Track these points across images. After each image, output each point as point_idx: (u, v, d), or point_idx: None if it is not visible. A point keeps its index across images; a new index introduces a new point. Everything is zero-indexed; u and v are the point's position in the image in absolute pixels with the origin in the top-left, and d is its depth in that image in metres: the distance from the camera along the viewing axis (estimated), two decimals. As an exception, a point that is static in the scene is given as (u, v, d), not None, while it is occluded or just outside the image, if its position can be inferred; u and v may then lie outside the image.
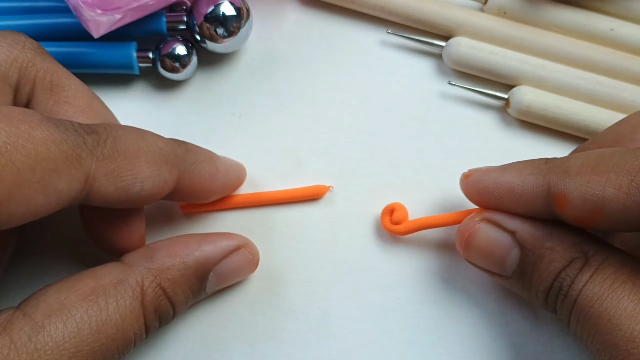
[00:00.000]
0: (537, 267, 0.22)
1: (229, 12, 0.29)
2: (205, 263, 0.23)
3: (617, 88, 0.30)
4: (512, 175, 0.23)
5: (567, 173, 0.21)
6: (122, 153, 0.20)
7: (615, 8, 0.31)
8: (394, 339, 0.27)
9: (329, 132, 0.30)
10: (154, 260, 0.22)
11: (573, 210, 0.21)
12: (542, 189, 0.22)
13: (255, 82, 0.31)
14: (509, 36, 0.30)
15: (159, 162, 0.21)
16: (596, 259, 0.21)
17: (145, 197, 0.21)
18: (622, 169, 0.20)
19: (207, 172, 0.24)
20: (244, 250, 0.25)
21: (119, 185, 0.20)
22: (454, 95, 0.31)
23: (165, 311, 0.22)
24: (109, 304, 0.20)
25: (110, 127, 0.21)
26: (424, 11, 0.31)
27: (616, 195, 0.19)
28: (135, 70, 0.29)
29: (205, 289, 0.24)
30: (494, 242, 0.23)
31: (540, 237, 0.22)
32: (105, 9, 0.26)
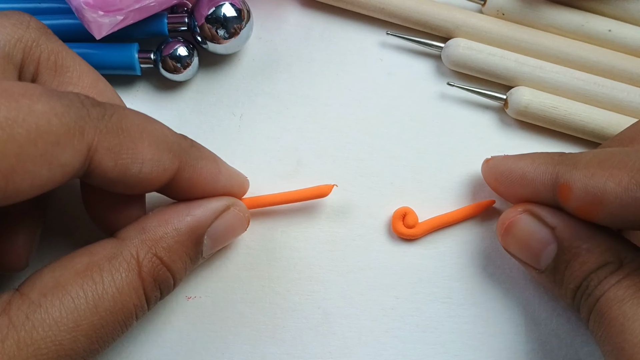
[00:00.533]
0: (571, 265, 0.22)
1: (229, 14, 0.29)
2: (198, 226, 0.23)
3: (614, 89, 0.30)
4: (527, 162, 0.24)
5: (575, 165, 0.22)
6: (126, 131, 0.20)
7: (613, 9, 0.31)
8: (394, 338, 0.27)
9: (329, 132, 0.30)
10: (147, 231, 0.22)
11: (574, 200, 0.22)
12: (550, 178, 0.23)
13: (256, 82, 0.31)
14: (507, 37, 0.31)
15: (161, 147, 0.21)
16: (629, 266, 0.21)
17: (143, 180, 0.21)
18: (625, 165, 0.20)
19: (208, 170, 0.24)
20: (234, 209, 0.25)
21: (118, 162, 0.20)
22: (453, 95, 0.31)
23: (165, 280, 0.22)
24: (104, 278, 0.20)
25: (117, 106, 0.21)
26: (423, 12, 0.31)
27: (615, 189, 0.20)
28: (137, 71, 0.30)
29: (202, 253, 0.24)
30: (533, 234, 0.24)
31: (579, 237, 0.22)
32: (107, 10, 0.26)
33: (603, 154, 0.22)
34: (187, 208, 0.23)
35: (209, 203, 0.24)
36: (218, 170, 0.24)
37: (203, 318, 0.27)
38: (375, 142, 0.30)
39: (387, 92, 0.31)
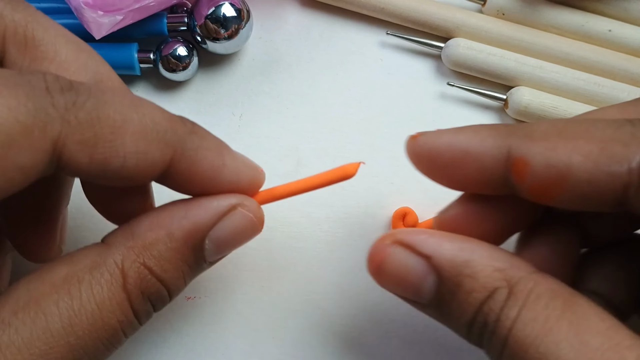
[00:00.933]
0: (456, 297, 0.19)
1: (229, 13, 0.29)
2: (196, 230, 0.20)
3: (615, 89, 0.30)
4: (469, 135, 0.20)
5: (530, 137, 0.19)
6: (104, 120, 0.17)
7: (613, 9, 0.31)
8: (394, 338, 0.27)
9: (329, 132, 0.30)
10: (136, 236, 0.19)
11: (533, 178, 0.18)
12: (501, 152, 0.19)
13: (256, 82, 0.31)
14: (507, 37, 0.31)
15: (149, 137, 0.18)
16: (521, 290, 0.18)
17: (129, 175, 0.18)
18: (593, 135, 0.18)
19: (209, 162, 0.20)
20: (240, 210, 0.21)
21: (94, 158, 0.17)
22: (453, 95, 0.31)
23: (156, 292, 0.19)
24: (82, 292, 0.18)
25: (97, 88, 0.18)
26: (423, 12, 0.31)
27: (584, 163, 0.17)
28: (137, 71, 0.30)
29: (205, 259, 0.21)
30: (407, 268, 0.20)
31: (459, 263, 0.19)
32: (107, 10, 0.26)
33: (562, 123, 0.19)
34: (185, 208, 0.20)
35: (210, 202, 0.20)
36: (222, 162, 0.20)
37: (202, 318, 0.27)
38: (375, 142, 0.30)
39: (387, 92, 0.31)
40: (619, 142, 0.17)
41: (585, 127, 0.18)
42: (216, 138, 0.21)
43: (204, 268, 0.21)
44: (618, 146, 0.17)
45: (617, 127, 0.18)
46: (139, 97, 0.19)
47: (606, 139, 0.17)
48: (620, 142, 0.17)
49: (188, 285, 0.27)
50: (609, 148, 0.17)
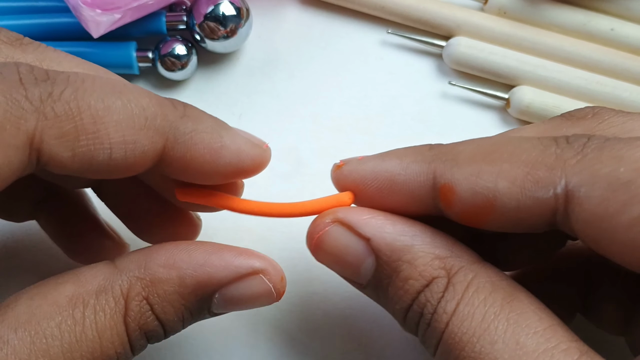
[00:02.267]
0: (393, 283, 0.19)
1: (228, 12, 0.29)
2: (208, 284, 0.19)
3: (617, 88, 0.30)
4: (393, 162, 0.19)
5: (455, 161, 0.18)
6: (85, 111, 0.16)
7: (616, 8, 0.31)
8: (395, 340, 0.27)
9: (329, 132, 0.30)
10: (147, 268, 0.18)
11: (460, 205, 0.18)
12: (427, 179, 0.19)
13: (255, 81, 0.31)
14: (509, 36, 0.30)
15: (136, 125, 0.17)
16: (461, 281, 0.18)
17: (118, 167, 0.17)
18: (518, 159, 0.17)
19: (206, 145, 0.19)
20: (261, 277, 0.20)
21: (77, 151, 0.16)
22: (454, 95, 0.31)
23: (152, 330, 0.19)
24: (85, 317, 0.17)
25: (76, 76, 0.17)
26: (424, 11, 0.31)
27: (510, 189, 0.17)
28: (135, 70, 0.29)
29: (210, 309, 0.20)
30: (346, 248, 0.20)
31: (399, 248, 0.19)
32: (105, 8, 0.26)
33: (487, 145, 0.18)
34: (205, 256, 0.19)
35: (232, 258, 0.19)
36: (220, 144, 0.19)
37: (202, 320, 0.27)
38: (376, 142, 0.30)
39: (388, 91, 0.31)
40: (544, 165, 0.16)
41: (511, 149, 0.17)
42: (212, 118, 0.20)
43: (206, 317, 0.20)
44: (543, 170, 0.16)
45: (543, 148, 0.17)
46: (124, 82, 0.18)
47: (531, 162, 0.17)
48: (545, 166, 0.16)
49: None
50: (534, 173, 0.16)
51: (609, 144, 0.16)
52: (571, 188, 0.16)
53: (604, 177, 0.15)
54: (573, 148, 0.16)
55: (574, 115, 0.20)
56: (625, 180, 0.15)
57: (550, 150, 0.17)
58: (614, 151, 0.16)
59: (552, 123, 0.20)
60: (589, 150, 0.16)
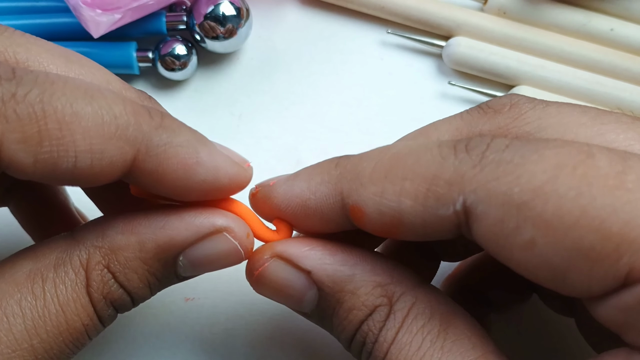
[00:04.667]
0: (337, 313, 0.19)
1: (228, 12, 0.29)
2: (169, 246, 0.18)
3: (617, 88, 0.30)
4: (302, 187, 0.19)
5: (359, 180, 0.18)
6: (51, 115, 0.15)
7: (615, 8, 0.31)
8: (394, 339, 0.27)
9: (329, 132, 0.30)
10: (105, 235, 0.18)
11: (371, 224, 0.18)
12: (336, 201, 0.18)
13: (255, 82, 0.31)
14: (508, 36, 0.30)
15: (105, 134, 0.16)
16: (401, 308, 0.18)
17: (82, 176, 0.16)
18: (419, 174, 0.17)
19: (180, 160, 0.17)
20: (225, 235, 0.19)
21: (39, 158, 0.15)
22: (454, 95, 0.31)
23: (118, 299, 0.18)
24: (46, 292, 0.17)
25: (46, 77, 0.16)
26: (424, 11, 0.31)
27: (413, 207, 0.17)
28: (135, 70, 0.29)
29: (177, 273, 0.19)
30: (287, 282, 0.19)
31: (340, 279, 0.18)
32: (105, 8, 0.26)
33: (387, 159, 0.17)
34: (165, 218, 0.18)
35: (193, 218, 0.19)
36: (195, 160, 0.18)
37: (201, 320, 0.27)
38: (376, 142, 0.30)
39: (388, 91, 0.31)
40: (442, 180, 0.16)
41: (411, 163, 0.17)
42: (191, 131, 0.19)
43: (176, 281, 0.20)
44: (442, 186, 0.16)
45: (442, 160, 0.16)
46: (99, 87, 0.17)
47: (430, 177, 0.16)
48: (444, 182, 0.16)
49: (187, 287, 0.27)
50: (433, 189, 0.16)
51: (508, 154, 0.15)
52: (469, 205, 0.16)
53: (499, 197, 0.15)
54: (471, 159, 0.16)
55: (492, 108, 0.20)
56: (519, 203, 0.15)
57: (448, 162, 0.16)
58: (511, 166, 0.15)
59: (468, 117, 0.20)
60: (487, 162, 0.16)
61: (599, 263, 0.14)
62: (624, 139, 0.17)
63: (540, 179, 0.15)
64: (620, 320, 0.14)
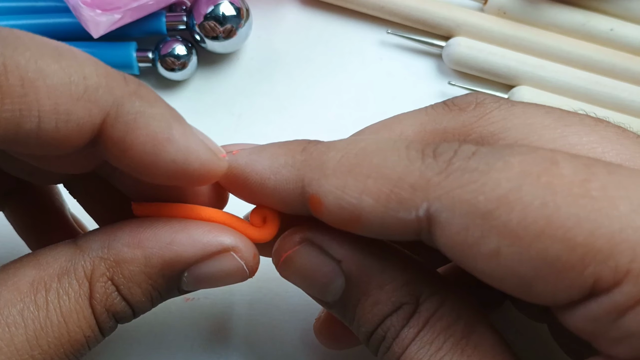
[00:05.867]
0: (361, 305, 0.18)
1: (228, 12, 0.29)
2: (175, 263, 0.18)
3: (616, 88, 0.30)
4: (264, 164, 0.18)
5: (322, 170, 0.17)
6: (12, 70, 0.14)
7: (615, 8, 0.31)
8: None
9: (328, 132, 0.30)
10: (111, 247, 0.17)
11: (329, 216, 0.17)
12: (296, 187, 0.18)
13: (255, 82, 0.31)
14: (508, 36, 0.30)
15: (72, 94, 0.15)
16: (427, 308, 0.17)
17: (47, 140, 0.15)
18: (384, 174, 0.16)
19: (150, 132, 0.16)
20: (231, 255, 0.19)
21: (1, 116, 0.14)
22: (454, 95, 0.31)
23: (120, 311, 0.18)
24: (49, 302, 0.17)
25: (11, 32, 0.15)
26: (423, 11, 0.31)
27: (373, 207, 0.16)
28: (135, 70, 0.29)
29: (180, 288, 0.19)
30: (316, 268, 0.19)
31: (369, 272, 0.18)
32: (105, 9, 0.26)
33: (354, 154, 0.17)
34: (171, 234, 0.18)
35: (202, 235, 0.18)
36: (166, 136, 0.17)
37: (201, 320, 0.27)
38: (375, 142, 0.30)
39: (388, 92, 0.31)
40: (407, 184, 0.16)
41: (377, 162, 0.16)
42: (167, 106, 0.17)
43: (177, 295, 0.19)
44: (406, 190, 0.16)
45: (408, 163, 0.16)
46: (70, 47, 0.16)
47: (395, 179, 0.16)
48: (409, 185, 0.16)
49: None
50: (397, 192, 0.16)
51: (474, 162, 0.15)
52: (432, 212, 0.15)
53: (464, 205, 0.15)
54: (438, 165, 0.16)
55: (457, 105, 0.19)
56: (484, 211, 0.14)
57: (414, 165, 0.16)
58: (476, 173, 0.15)
59: (433, 113, 0.20)
60: (453, 169, 0.15)
61: (565, 273, 0.14)
62: (587, 142, 0.17)
63: (505, 187, 0.14)
64: (589, 329, 0.14)
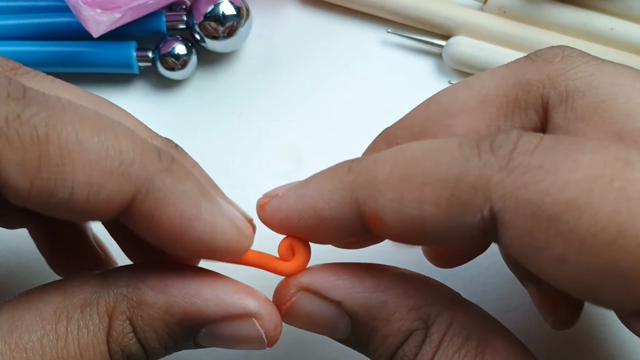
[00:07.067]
0: (373, 341, 0.18)
1: (228, 11, 0.29)
2: (195, 317, 0.17)
3: (617, 87, 0.30)
4: (314, 195, 0.18)
5: (374, 186, 0.16)
6: (53, 140, 0.15)
7: (616, 7, 0.31)
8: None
9: (329, 131, 0.30)
10: (136, 287, 0.17)
11: (392, 232, 0.17)
12: (352, 210, 0.17)
13: (255, 81, 0.31)
14: (509, 35, 0.30)
15: (106, 168, 0.15)
16: (437, 330, 0.17)
17: (78, 209, 0.16)
18: (438, 179, 0.15)
19: (178, 210, 0.16)
20: (253, 321, 0.18)
21: (35, 183, 0.15)
22: (454, 94, 0.31)
23: (134, 353, 0.18)
24: (68, 333, 0.16)
25: (57, 102, 0.15)
26: (424, 10, 0.31)
27: (436, 215, 0.15)
28: (135, 69, 0.29)
29: (196, 341, 0.18)
30: (317, 314, 0.19)
31: (372, 307, 0.18)
32: (105, 8, 0.26)
33: (403, 162, 0.16)
34: (197, 287, 0.18)
35: (227, 294, 0.18)
36: (195, 213, 0.17)
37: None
38: (376, 141, 0.30)
39: (388, 91, 0.31)
40: (467, 186, 0.15)
41: (430, 167, 0.16)
42: (198, 182, 0.17)
43: (193, 347, 0.19)
44: (467, 192, 0.15)
45: (464, 161, 0.15)
46: (111, 118, 0.16)
47: (453, 181, 0.15)
48: (469, 187, 0.15)
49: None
50: (458, 195, 0.15)
51: (538, 158, 0.14)
52: (496, 212, 0.15)
53: (528, 206, 0.14)
54: (497, 161, 0.15)
55: (540, 56, 0.19)
56: (549, 214, 0.14)
57: (472, 163, 0.15)
58: (542, 172, 0.14)
59: (515, 66, 0.19)
60: (515, 165, 0.14)
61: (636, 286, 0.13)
62: None
63: (574, 190, 0.13)
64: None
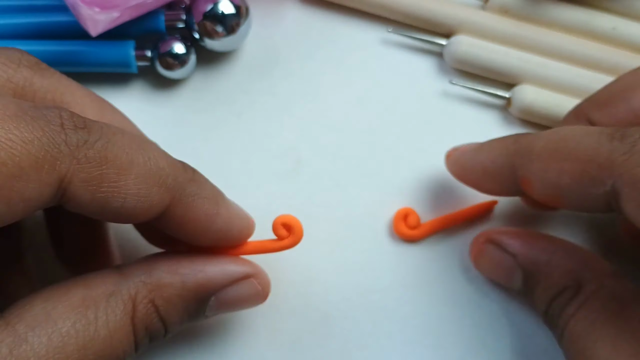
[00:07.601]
0: (536, 291, 0.23)
1: (228, 10, 0.28)
2: (207, 286, 0.22)
3: (619, 87, 0.29)
4: (485, 156, 0.24)
5: (528, 156, 0.22)
6: (111, 161, 0.18)
7: (618, 6, 0.31)
8: (395, 340, 0.27)
9: (329, 131, 0.30)
10: (152, 274, 0.21)
11: (537, 194, 0.22)
12: (510, 171, 0.23)
13: (255, 80, 0.31)
14: (510, 34, 0.30)
15: (151, 181, 0.19)
16: (587, 290, 0.22)
17: (125, 214, 0.19)
18: (576, 156, 0.20)
19: (204, 210, 0.21)
20: (252, 280, 0.23)
21: (96, 196, 0.18)
22: (455, 94, 0.31)
23: (157, 330, 0.21)
24: (98, 318, 0.19)
25: (109, 128, 0.19)
26: (424, 9, 0.31)
27: (570, 185, 0.20)
28: (133, 68, 0.29)
29: (205, 312, 0.22)
30: (499, 262, 0.25)
31: (538, 263, 0.23)
32: (103, 7, 0.26)
33: (555, 141, 0.21)
34: (203, 263, 0.22)
35: (228, 265, 0.22)
36: (216, 212, 0.21)
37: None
38: (376, 141, 0.30)
39: (388, 90, 0.31)
40: (596, 164, 0.19)
41: (573, 146, 0.20)
42: (213, 187, 0.22)
43: (199, 320, 0.23)
44: (595, 169, 0.19)
45: (598, 145, 0.19)
46: (148, 140, 0.21)
47: (587, 160, 0.19)
48: (597, 165, 0.19)
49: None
50: (588, 171, 0.19)
51: None
52: (617, 187, 0.18)
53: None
54: (623, 146, 0.19)
55: None
56: None
57: (604, 148, 0.19)
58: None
59: None
60: (636, 150, 0.18)
61: None
62: None
63: None
64: None
